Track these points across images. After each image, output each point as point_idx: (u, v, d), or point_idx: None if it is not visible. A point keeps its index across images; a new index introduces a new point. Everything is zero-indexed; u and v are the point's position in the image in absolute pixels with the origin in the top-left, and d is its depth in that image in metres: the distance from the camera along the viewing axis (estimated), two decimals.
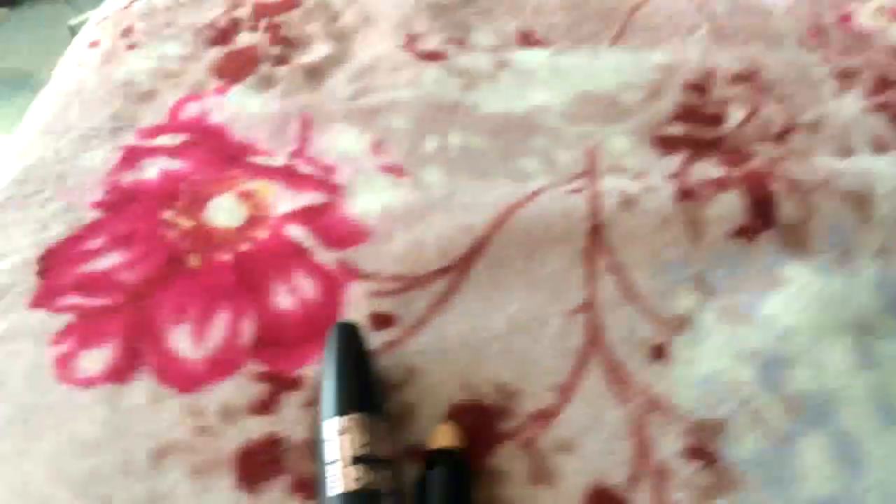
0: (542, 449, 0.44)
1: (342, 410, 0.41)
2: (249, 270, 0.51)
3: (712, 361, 0.47)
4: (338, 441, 0.40)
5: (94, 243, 0.53)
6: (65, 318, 0.49)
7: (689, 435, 0.44)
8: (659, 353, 0.48)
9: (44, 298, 0.50)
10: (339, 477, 0.39)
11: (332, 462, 0.40)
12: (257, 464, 0.43)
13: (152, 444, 0.44)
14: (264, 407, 0.45)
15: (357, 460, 0.40)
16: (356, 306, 0.49)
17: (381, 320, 0.49)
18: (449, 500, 0.40)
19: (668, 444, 0.44)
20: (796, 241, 0.52)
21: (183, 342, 0.48)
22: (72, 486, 0.42)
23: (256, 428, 0.44)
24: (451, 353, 0.47)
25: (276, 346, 0.48)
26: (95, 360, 0.47)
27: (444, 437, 0.42)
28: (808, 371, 0.46)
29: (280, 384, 0.46)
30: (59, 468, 0.43)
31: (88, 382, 0.46)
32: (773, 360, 0.47)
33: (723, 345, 0.48)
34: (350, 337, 0.46)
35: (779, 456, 0.44)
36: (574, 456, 0.44)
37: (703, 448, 0.44)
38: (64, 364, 0.47)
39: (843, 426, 0.44)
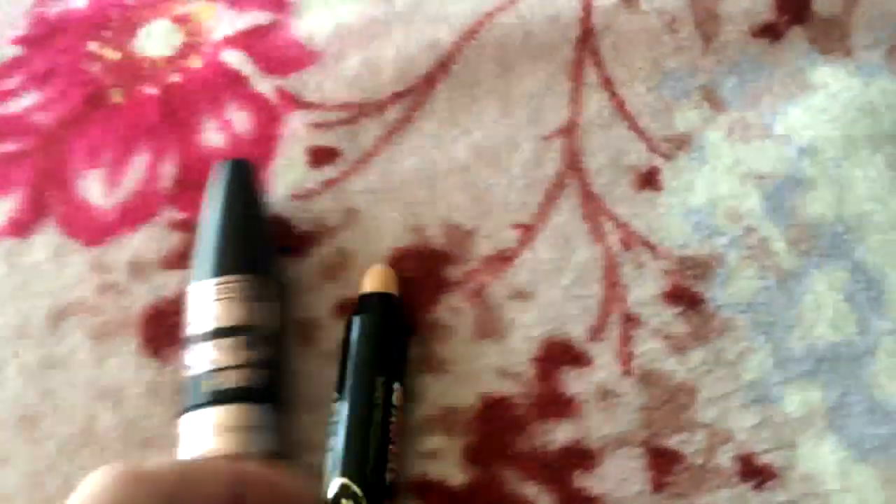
0: (493, 298, 0.37)
1: (214, 272, 0.35)
2: (177, 105, 0.44)
3: (712, 187, 0.39)
4: (204, 309, 0.34)
5: (10, 83, 0.47)
6: None
7: (671, 275, 0.36)
8: (648, 180, 0.39)
9: None
10: (198, 354, 0.33)
11: (195, 335, 0.33)
12: (167, 325, 0.37)
13: (53, 303, 0.38)
14: (180, 260, 0.39)
15: (219, 333, 0.33)
16: (294, 140, 0.42)
17: (322, 155, 0.42)
18: (375, 351, 0.33)
19: (645, 288, 0.36)
20: (832, 37, 0.41)
21: (94, 189, 0.42)
22: None
23: (170, 284, 0.38)
24: (399, 190, 0.40)
25: (199, 189, 0.41)
26: None
27: (375, 279, 0.35)
28: (827, 195, 0.37)
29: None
30: None
31: None
32: (786, 183, 0.38)
33: (727, 168, 0.39)
34: (239, 179, 0.38)
35: (778, 297, 0.36)
36: (530, 305, 0.36)
37: (686, 290, 0.36)
38: None
39: (864, 259, 0.36)
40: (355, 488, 0.30)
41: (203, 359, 0.33)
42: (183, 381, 0.33)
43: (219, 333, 0.33)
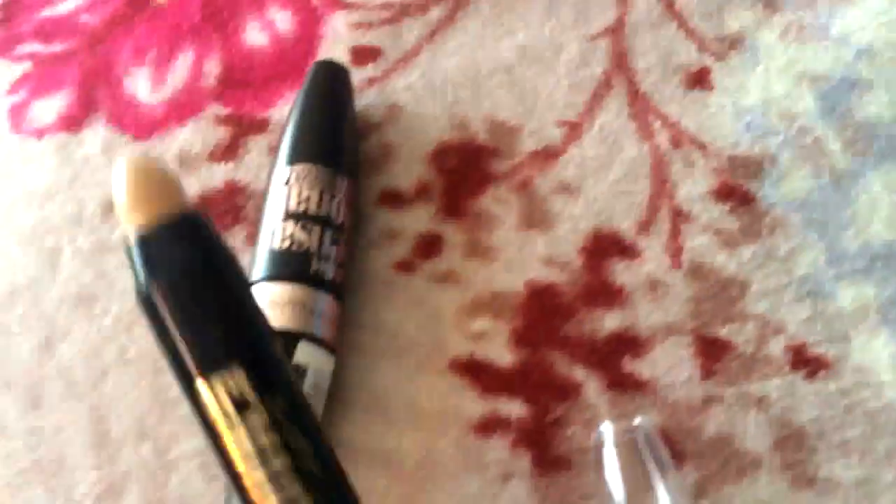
0: (539, 190, 0.36)
1: (291, 160, 0.35)
2: (219, 5, 0.44)
3: (765, 88, 0.38)
4: (281, 192, 0.34)
5: None
6: (22, 67, 0.44)
7: (722, 173, 0.36)
8: (698, 80, 0.38)
9: (3, 48, 0.45)
10: (271, 232, 0.33)
11: (271, 215, 0.33)
12: (216, 213, 0.38)
13: (104, 194, 0.39)
14: (226, 152, 0.39)
15: (293, 216, 0.33)
16: (335, 40, 0.42)
17: (365, 54, 0.41)
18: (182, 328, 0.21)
19: (694, 185, 0.36)
20: None
21: (141, 86, 0.42)
22: (21, 237, 0.38)
23: (216, 175, 0.39)
24: (443, 87, 0.40)
25: (243, 86, 0.42)
26: (49, 108, 0.42)
27: (140, 199, 0.20)
28: (884, 97, 0.37)
29: (244, 127, 0.40)
30: (9, 220, 0.38)
31: (41, 132, 0.41)
32: (841, 84, 0.37)
33: (781, 68, 0.38)
34: (328, 78, 0.38)
35: (832, 196, 0.35)
36: (577, 198, 0.36)
37: (737, 188, 0.35)
38: (18, 114, 0.42)
39: None
40: None
41: (277, 237, 0.33)
42: (254, 255, 0.33)
43: (296, 216, 0.33)
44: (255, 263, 0.33)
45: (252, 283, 0.33)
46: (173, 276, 0.19)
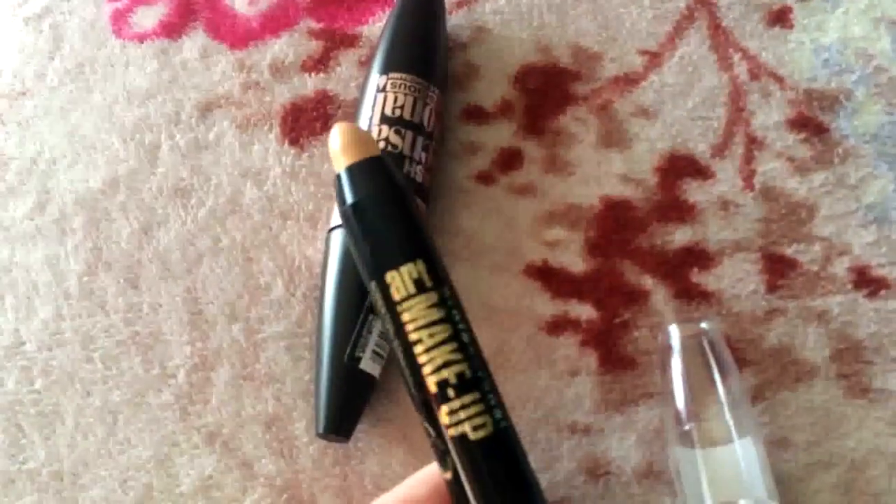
0: (618, 112, 0.38)
1: (386, 69, 0.37)
2: None
3: (844, 28, 0.39)
4: (376, 98, 0.36)
5: None
6: None
7: (798, 105, 0.37)
8: (780, 18, 0.40)
9: None
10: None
11: (365, 118, 0.35)
12: (306, 120, 0.40)
13: (201, 97, 0.41)
14: (318, 64, 0.41)
15: (387, 120, 0.35)
16: None
17: None
18: (366, 247, 0.26)
19: (770, 114, 0.37)
20: None
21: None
22: (122, 132, 0.40)
23: (308, 85, 0.41)
24: (529, 12, 0.41)
25: (336, 3, 0.43)
26: (150, 15, 0.44)
27: (350, 145, 0.27)
28: None
29: (336, 41, 0.42)
30: (110, 116, 0.41)
31: (142, 37, 0.44)
32: None
33: (861, 11, 0.39)
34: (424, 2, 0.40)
35: None
36: (655, 122, 0.38)
37: (812, 119, 0.36)
38: (120, 19, 0.44)
39: None
40: (419, 415, 0.26)
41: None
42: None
43: (390, 121, 0.35)
44: None
45: None
46: (368, 196, 0.26)
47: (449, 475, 0.24)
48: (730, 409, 0.29)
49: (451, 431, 0.24)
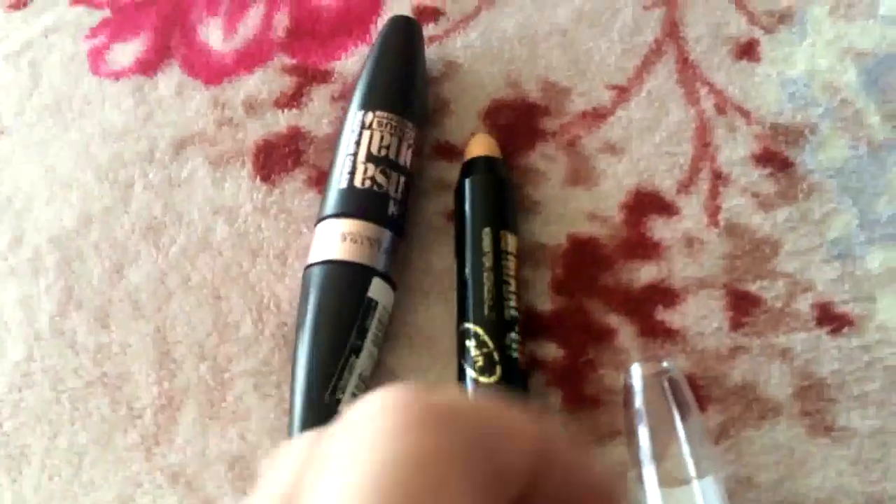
0: (586, 148, 0.38)
1: (371, 106, 0.37)
2: None
3: (811, 61, 0.39)
4: (360, 135, 0.36)
5: None
6: (101, 13, 0.47)
7: (763, 139, 0.37)
8: (747, 51, 0.40)
9: None
10: (350, 171, 0.35)
11: (349, 155, 0.36)
12: (278, 156, 0.40)
13: (176, 133, 0.41)
14: (291, 100, 0.42)
15: (374, 159, 0.35)
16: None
17: (427, 14, 0.43)
18: (479, 206, 0.35)
19: (736, 149, 0.37)
20: None
21: (213, 35, 0.44)
22: (97, 170, 0.41)
23: (280, 121, 0.41)
24: (499, 47, 0.42)
25: (309, 39, 0.44)
26: (127, 52, 0.45)
27: (480, 145, 0.37)
28: None
29: (308, 77, 0.42)
30: (86, 154, 0.41)
31: (119, 74, 0.44)
32: (885, 60, 0.39)
33: (828, 43, 0.40)
34: (404, 31, 0.41)
35: (868, 166, 0.36)
36: (622, 157, 0.38)
37: (777, 154, 0.37)
38: (97, 56, 0.45)
39: None
40: (474, 328, 0.33)
41: (357, 176, 0.35)
42: (328, 189, 0.36)
43: (376, 160, 0.35)
44: (331, 197, 0.35)
45: (330, 216, 0.35)
46: (481, 178, 0.36)
47: (493, 379, 0.32)
48: (690, 449, 0.29)
49: (509, 352, 0.33)
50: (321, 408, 0.32)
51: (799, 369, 0.33)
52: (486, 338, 0.33)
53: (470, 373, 0.32)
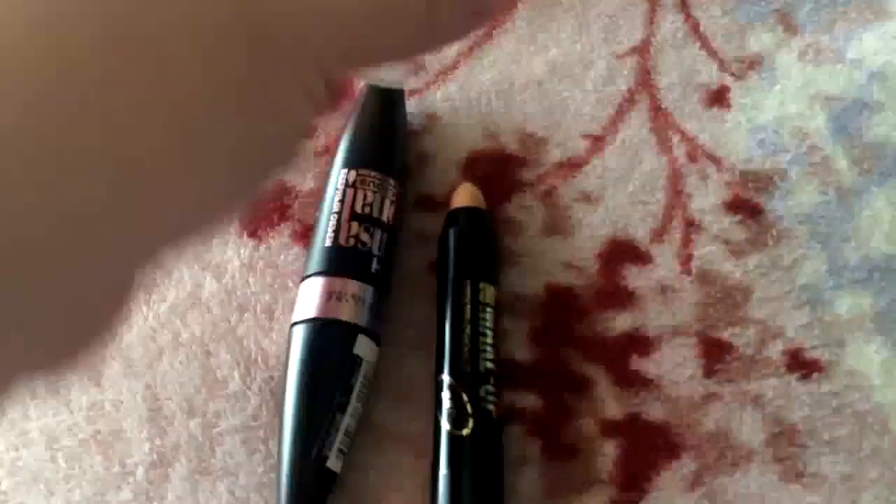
0: (562, 199, 0.39)
1: (354, 163, 0.38)
2: None
3: (780, 107, 0.40)
4: (345, 193, 0.37)
5: None
6: None
7: (734, 187, 0.38)
8: (717, 98, 0.41)
9: None
10: (335, 229, 0.36)
11: (333, 213, 0.37)
12: (264, 212, 0.41)
13: None
14: None
15: (358, 217, 0.36)
16: None
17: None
18: (461, 258, 0.37)
19: (707, 197, 0.38)
20: None
21: None
22: None
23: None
24: (477, 100, 0.43)
25: None
26: None
27: (465, 196, 0.38)
28: (893, 118, 0.39)
29: None
30: None
31: None
32: (853, 105, 0.40)
33: (797, 89, 0.41)
34: (388, 95, 0.42)
35: (837, 211, 0.37)
36: (597, 207, 0.39)
37: (747, 201, 0.38)
38: None
39: None
40: (449, 379, 0.34)
41: (342, 234, 0.36)
42: (314, 246, 0.37)
43: (360, 218, 0.37)
44: (316, 255, 0.36)
45: (314, 274, 0.36)
46: (464, 230, 0.37)
47: (467, 431, 0.33)
48: None
49: (482, 404, 0.33)
50: (308, 465, 0.33)
51: (771, 415, 0.34)
52: (459, 390, 0.33)
53: (444, 424, 0.33)
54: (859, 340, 0.35)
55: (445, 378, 0.34)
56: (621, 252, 0.38)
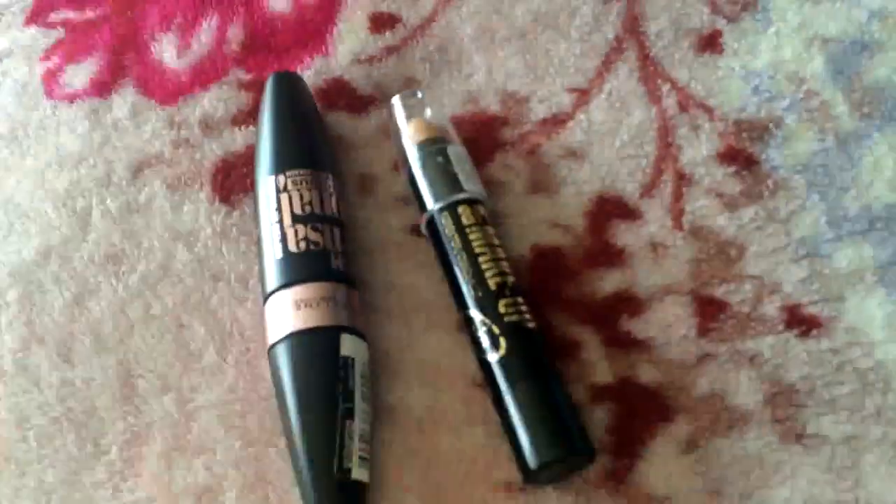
0: (546, 156, 0.37)
1: (280, 168, 0.36)
2: None
3: (776, 51, 0.38)
4: (279, 199, 0.35)
5: None
6: (55, 34, 0.46)
7: (727, 137, 0.36)
8: (709, 43, 0.39)
9: (37, 15, 0.47)
10: (280, 238, 0.34)
11: (274, 223, 0.35)
12: (237, 176, 0.39)
13: (132, 157, 0.41)
14: (248, 117, 0.41)
15: (300, 219, 0.34)
16: (356, 6, 0.43)
17: (383, 21, 0.42)
18: (434, 187, 0.35)
19: (699, 148, 0.36)
20: None
21: (167, 52, 0.44)
22: (54, 198, 0.40)
23: (238, 140, 0.40)
24: (457, 57, 0.41)
25: (265, 52, 0.43)
26: (80, 73, 0.44)
27: (420, 129, 0.36)
28: (894, 59, 0.37)
29: None
30: (43, 182, 0.41)
31: (73, 97, 0.43)
32: (852, 46, 0.38)
33: (793, 30, 0.39)
34: (290, 87, 0.40)
35: (836, 159, 0.36)
36: (583, 163, 0.37)
37: (741, 151, 0.36)
38: (51, 79, 0.44)
39: None
40: (469, 312, 0.33)
41: (290, 241, 0.34)
42: (264, 265, 0.34)
43: (303, 219, 0.34)
44: (271, 271, 0.34)
45: (276, 290, 0.33)
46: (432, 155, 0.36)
47: (501, 353, 0.32)
48: None
49: (507, 318, 0.32)
50: (333, 484, 0.31)
51: (768, 375, 0.33)
52: (481, 315, 0.32)
53: (483, 356, 0.32)
54: (860, 294, 0.33)
55: (467, 312, 0.33)
56: (609, 209, 0.36)
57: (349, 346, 0.32)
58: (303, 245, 0.34)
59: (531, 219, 0.36)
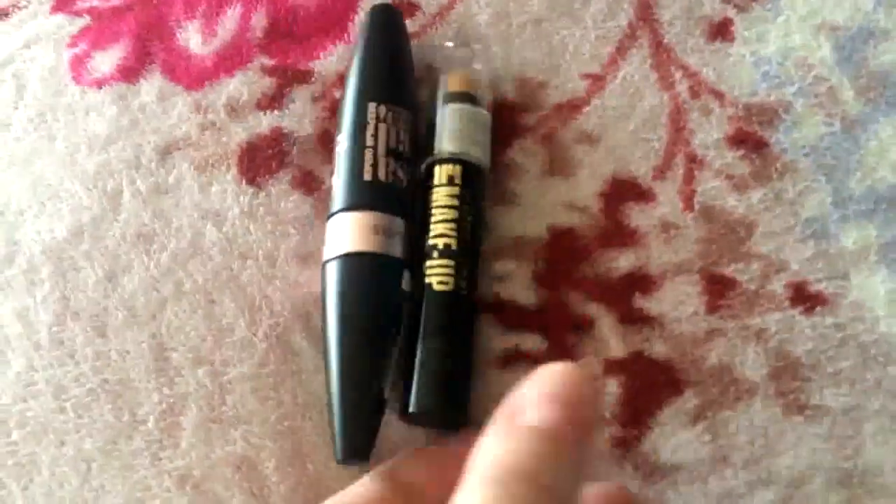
0: (562, 141, 0.39)
1: (383, 98, 0.38)
2: None
3: (785, 38, 0.40)
4: (376, 127, 0.37)
5: None
6: (81, 21, 0.47)
7: (737, 121, 0.38)
8: (721, 31, 0.40)
9: (63, 3, 0.48)
10: (372, 164, 0.36)
11: (368, 147, 0.36)
12: (262, 158, 0.41)
13: (160, 139, 0.42)
14: (272, 101, 0.42)
15: (393, 154, 0.36)
16: None
17: (403, 9, 0.44)
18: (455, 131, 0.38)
19: (710, 132, 0.38)
20: None
21: (192, 39, 0.45)
22: (84, 180, 0.41)
23: (262, 123, 0.42)
24: (474, 44, 0.42)
25: (287, 39, 0.44)
26: (107, 60, 0.45)
27: (454, 81, 0.38)
28: None
29: (288, 78, 0.43)
30: (72, 164, 0.42)
31: (101, 82, 0.45)
32: (859, 34, 0.39)
33: (801, 18, 0.40)
34: (388, 18, 0.41)
35: (843, 142, 0.37)
36: (597, 147, 0.38)
37: (751, 134, 0.37)
38: (79, 65, 0.45)
39: None
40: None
41: (381, 170, 0.36)
42: (346, 182, 0.36)
43: (395, 154, 0.36)
44: (356, 188, 0.36)
45: (354, 208, 0.35)
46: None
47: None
48: None
49: (425, 280, 0.34)
50: (368, 402, 0.33)
51: (774, 350, 0.34)
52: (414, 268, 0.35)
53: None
54: (864, 272, 0.35)
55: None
56: (623, 191, 0.37)
57: (407, 282, 0.34)
58: (391, 178, 0.36)
59: (548, 201, 0.38)
